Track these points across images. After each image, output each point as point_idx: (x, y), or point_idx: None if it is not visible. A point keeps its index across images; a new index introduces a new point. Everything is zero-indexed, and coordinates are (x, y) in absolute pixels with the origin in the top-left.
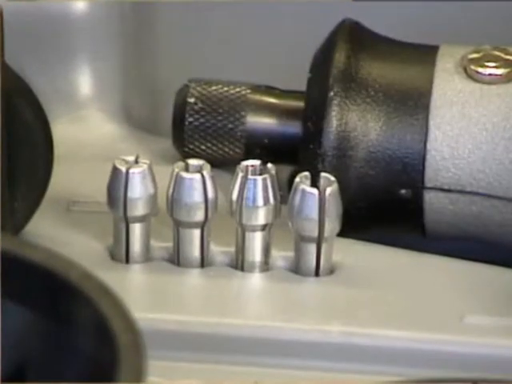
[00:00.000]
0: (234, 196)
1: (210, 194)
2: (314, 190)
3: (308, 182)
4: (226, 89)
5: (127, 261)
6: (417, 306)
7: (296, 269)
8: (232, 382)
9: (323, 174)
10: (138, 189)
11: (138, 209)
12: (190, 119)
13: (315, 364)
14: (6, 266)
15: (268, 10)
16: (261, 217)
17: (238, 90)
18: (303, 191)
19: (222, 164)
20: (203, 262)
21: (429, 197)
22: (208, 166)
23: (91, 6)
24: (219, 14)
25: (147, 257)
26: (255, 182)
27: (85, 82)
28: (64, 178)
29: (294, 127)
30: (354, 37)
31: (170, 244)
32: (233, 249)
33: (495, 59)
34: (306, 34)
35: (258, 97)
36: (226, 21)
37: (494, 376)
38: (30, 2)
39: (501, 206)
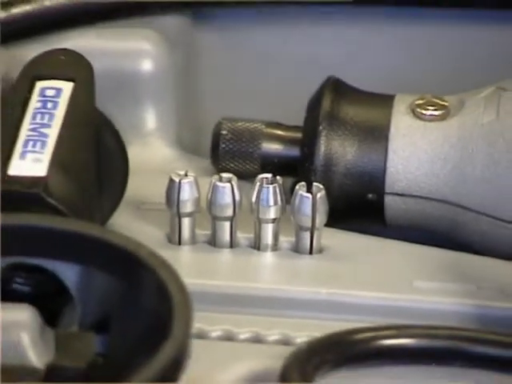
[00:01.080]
0: (253, 199)
1: (237, 198)
2: (309, 195)
3: (304, 189)
4: (247, 124)
5: (179, 243)
6: (380, 275)
7: (296, 249)
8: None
9: (315, 184)
10: (186, 194)
11: (187, 207)
12: (223, 145)
13: (309, 314)
14: (97, 247)
15: (280, 69)
16: (272, 213)
17: (256, 125)
18: (301, 195)
19: (245, 177)
20: (232, 244)
21: (388, 199)
22: (235, 178)
23: (155, 66)
24: (243, 72)
25: (193, 241)
26: (268, 189)
27: (150, 119)
28: (135, 186)
29: (294, 151)
30: (336, 89)
31: (209, 232)
32: (252, 235)
33: (434, 104)
34: (304, 88)
35: (270, 130)
36: (248, 77)
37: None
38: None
39: (438, 206)
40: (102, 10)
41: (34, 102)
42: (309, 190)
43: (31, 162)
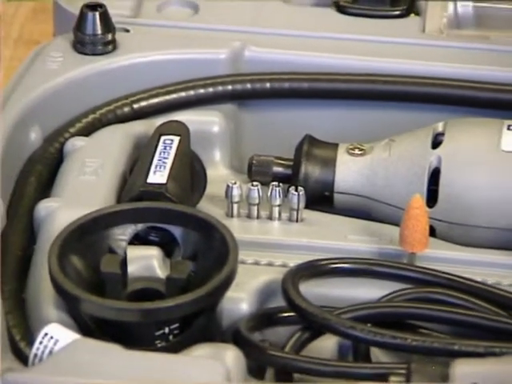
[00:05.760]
0: (269, 194)
1: (261, 194)
2: (296, 193)
3: (293, 190)
4: (266, 157)
5: (232, 216)
6: (331, 232)
7: (290, 219)
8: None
9: (299, 187)
10: (235, 192)
11: (236, 198)
12: (254, 168)
13: (296, 252)
14: (191, 217)
15: (284, 131)
16: (277, 201)
17: (270, 158)
18: (292, 193)
19: (265, 184)
20: (258, 217)
21: (336, 195)
22: (260, 184)
23: (219, 129)
24: (265, 132)
25: (238, 215)
26: (276, 190)
27: (217, 155)
28: (210, 189)
29: (289, 171)
30: (310, 141)
31: (246, 211)
32: (268, 212)
33: (358, 148)
34: (294, 139)
35: (277, 160)
36: (268, 134)
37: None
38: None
39: (360, 199)
40: (193, 101)
41: (160, 147)
42: (296, 190)
43: (159, 176)
